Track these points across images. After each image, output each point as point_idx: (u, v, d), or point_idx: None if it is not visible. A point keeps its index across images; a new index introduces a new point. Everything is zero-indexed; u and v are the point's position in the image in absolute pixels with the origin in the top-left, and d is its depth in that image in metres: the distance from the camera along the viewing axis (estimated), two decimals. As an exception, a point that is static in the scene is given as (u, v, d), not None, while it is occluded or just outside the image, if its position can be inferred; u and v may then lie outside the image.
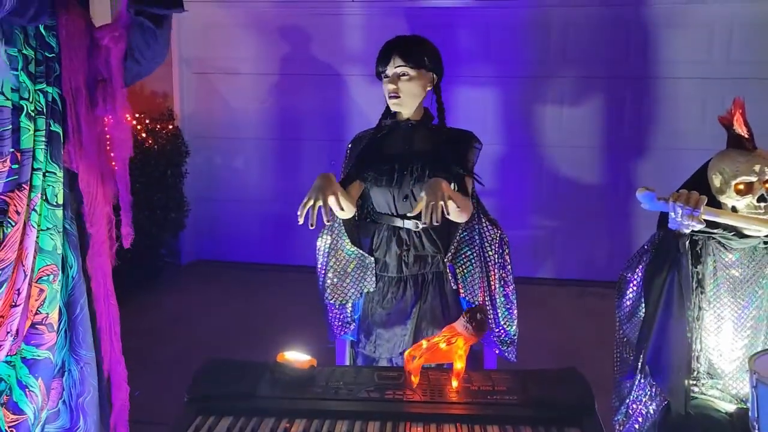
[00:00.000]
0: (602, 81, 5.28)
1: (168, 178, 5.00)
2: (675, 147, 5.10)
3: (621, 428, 2.09)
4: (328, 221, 1.76)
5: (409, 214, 1.96)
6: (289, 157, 5.82)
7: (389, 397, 1.55)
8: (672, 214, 1.78)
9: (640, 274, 2.01)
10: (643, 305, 1.99)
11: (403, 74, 2.01)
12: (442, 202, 1.69)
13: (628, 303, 2.06)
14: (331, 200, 1.77)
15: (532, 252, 5.39)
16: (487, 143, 5.51)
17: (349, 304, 2.06)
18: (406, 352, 1.60)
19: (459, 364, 1.58)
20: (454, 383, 1.57)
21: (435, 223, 1.70)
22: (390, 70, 2.02)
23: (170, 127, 5.16)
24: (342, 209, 1.83)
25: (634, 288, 2.04)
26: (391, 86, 2.02)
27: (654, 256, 1.93)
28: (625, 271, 2.07)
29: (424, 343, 1.65)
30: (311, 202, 1.74)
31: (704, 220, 1.78)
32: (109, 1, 5.25)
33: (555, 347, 3.87)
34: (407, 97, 2.02)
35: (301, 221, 1.76)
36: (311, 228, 1.76)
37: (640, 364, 1.94)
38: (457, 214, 1.86)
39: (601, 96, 5.31)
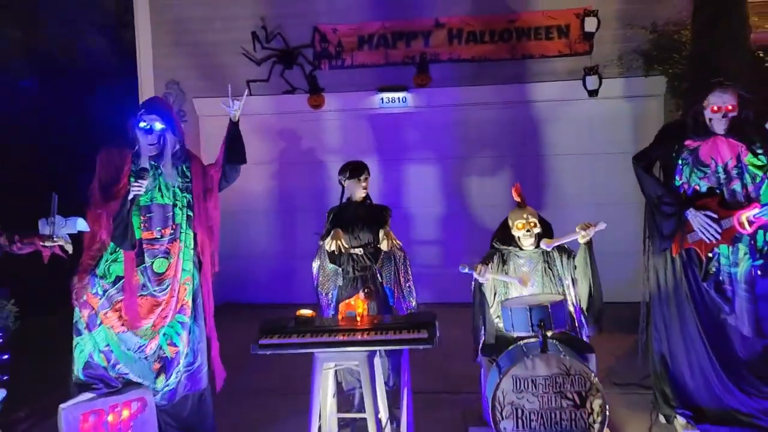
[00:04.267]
0: (508, 159, 7.36)
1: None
2: (561, 204, 7.07)
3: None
4: (339, 250, 3.79)
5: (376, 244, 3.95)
6: (286, 224, 7.74)
7: (349, 325, 3.48)
8: (474, 275, 3.77)
9: None
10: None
11: (366, 179, 4.02)
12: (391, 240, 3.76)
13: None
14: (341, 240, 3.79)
15: (469, 284, 7.30)
16: (430, 207, 7.59)
17: (331, 293, 4.00)
18: (342, 304, 3.60)
19: (360, 309, 3.53)
20: (359, 318, 3.51)
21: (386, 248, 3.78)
22: (362, 177, 4.01)
23: (203, 205, 7.12)
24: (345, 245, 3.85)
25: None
26: (363, 185, 4.01)
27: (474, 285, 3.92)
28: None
29: (345, 302, 3.62)
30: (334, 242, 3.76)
31: (489, 278, 3.78)
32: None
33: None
34: (366, 190, 4.04)
35: (330, 249, 3.80)
36: (336, 253, 3.80)
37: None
38: (386, 245, 3.85)
39: (509, 169, 7.36)
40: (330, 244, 3.80)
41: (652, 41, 6.71)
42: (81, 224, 3.17)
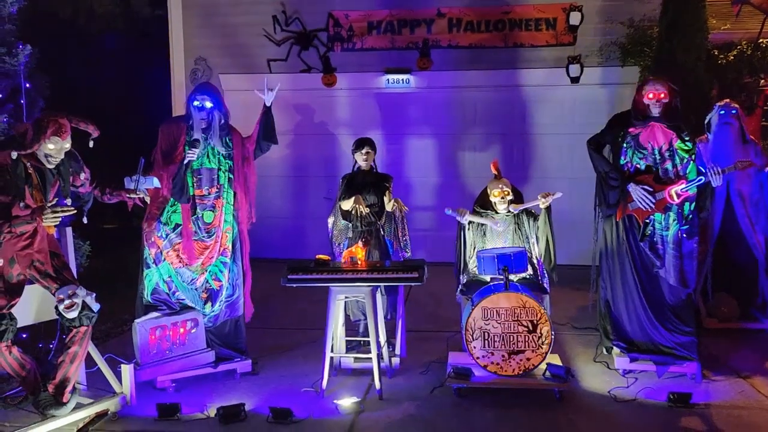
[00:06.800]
0: (499, 136, 8.25)
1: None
2: (544, 176, 8.02)
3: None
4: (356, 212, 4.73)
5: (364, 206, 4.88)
6: (299, 188, 8.66)
7: (354, 267, 4.44)
8: (456, 217, 4.71)
9: None
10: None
11: (368, 152, 4.92)
12: (397, 204, 4.72)
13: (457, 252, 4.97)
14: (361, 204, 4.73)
15: (459, 246, 8.26)
16: (428, 176, 8.62)
17: (342, 244, 4.95)
18: (345, 252, 4.54)
19: (360, 255, 4.46)
20: (359, 262, 4.44)
21: (389, 209, 4.72)
22: (364, 150, 4.91)
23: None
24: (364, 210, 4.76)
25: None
26: (364, 158, 4.91)
27: (458, 230, 4.87)
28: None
29: (348, 250, 4.55)
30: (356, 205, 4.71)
31: (468, 219, 4.70)
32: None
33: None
34: (369, 161, 4.93)
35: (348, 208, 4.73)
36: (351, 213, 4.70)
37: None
38: (390, 207, 4.78)
39: (498, 145, 8.26)
40: (352, 206, 4.74)
41: (628, 36, 7.54)
42: (156, 182, 4.09)
